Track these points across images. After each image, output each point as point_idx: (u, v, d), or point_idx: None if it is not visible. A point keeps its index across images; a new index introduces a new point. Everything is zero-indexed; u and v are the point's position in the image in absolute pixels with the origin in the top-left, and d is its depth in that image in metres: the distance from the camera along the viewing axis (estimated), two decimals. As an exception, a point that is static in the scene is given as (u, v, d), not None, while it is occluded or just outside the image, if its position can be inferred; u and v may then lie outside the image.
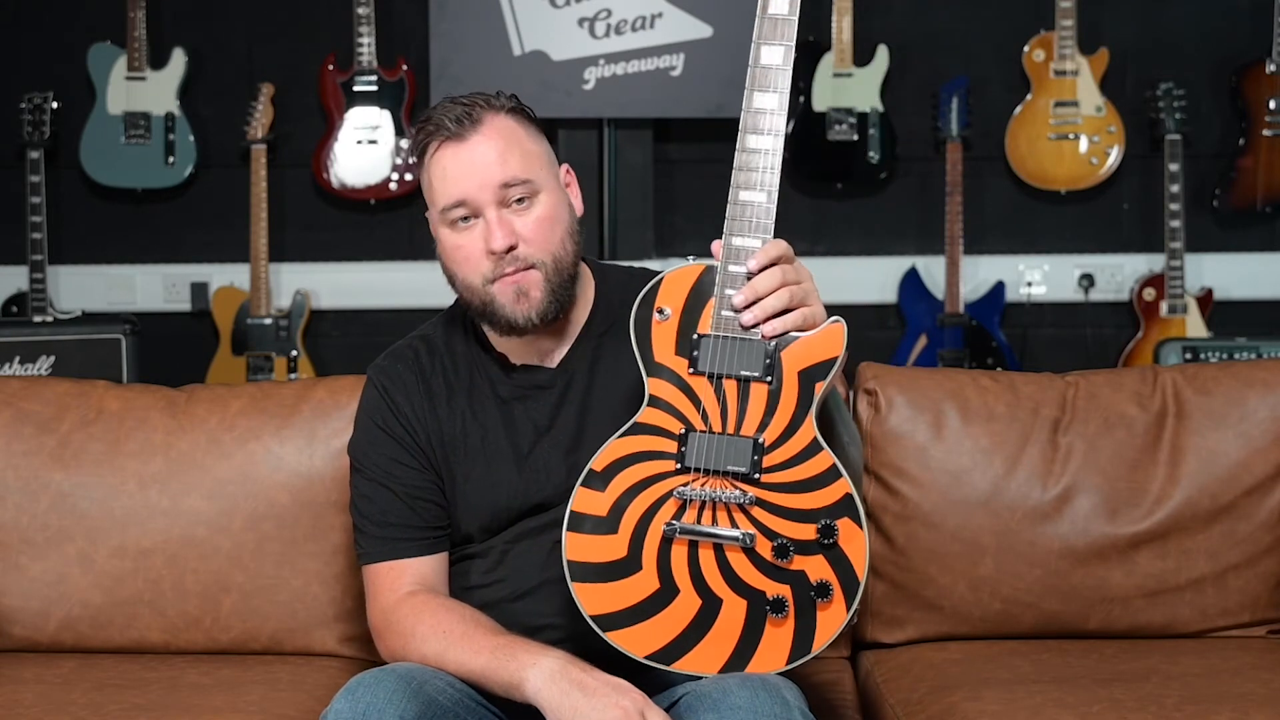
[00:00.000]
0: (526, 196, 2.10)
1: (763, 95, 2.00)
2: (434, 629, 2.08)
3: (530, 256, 2.10)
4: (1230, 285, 4.63)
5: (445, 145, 2.10)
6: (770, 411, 1.98)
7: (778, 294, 1.97)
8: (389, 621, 2.14)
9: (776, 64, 2.00)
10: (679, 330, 2.01)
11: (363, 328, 4.68)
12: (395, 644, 2.12)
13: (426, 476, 2.19)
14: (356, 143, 4.57)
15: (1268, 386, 2.54)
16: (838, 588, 1.95)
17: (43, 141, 4.52)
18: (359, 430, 2.25)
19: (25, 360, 4.09)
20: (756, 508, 1.97)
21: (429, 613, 2.10)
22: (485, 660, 2.01)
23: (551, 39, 4.42)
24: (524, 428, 2.18)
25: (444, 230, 2.13)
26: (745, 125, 2.00)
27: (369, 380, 2.25)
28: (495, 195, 2.09)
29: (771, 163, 1.99)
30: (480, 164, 2.09)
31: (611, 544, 1.99)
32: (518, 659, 1.99)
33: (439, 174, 2.11)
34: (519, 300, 2.10)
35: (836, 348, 1.98)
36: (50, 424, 2.55)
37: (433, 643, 2.07)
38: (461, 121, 2.09)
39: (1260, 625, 2.52)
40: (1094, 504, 2.49)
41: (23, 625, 2.50)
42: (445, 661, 2.05)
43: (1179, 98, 4.52)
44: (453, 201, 2.10)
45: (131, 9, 4.52)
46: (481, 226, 2.10)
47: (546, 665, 1.96)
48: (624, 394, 2.15)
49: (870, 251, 4.64)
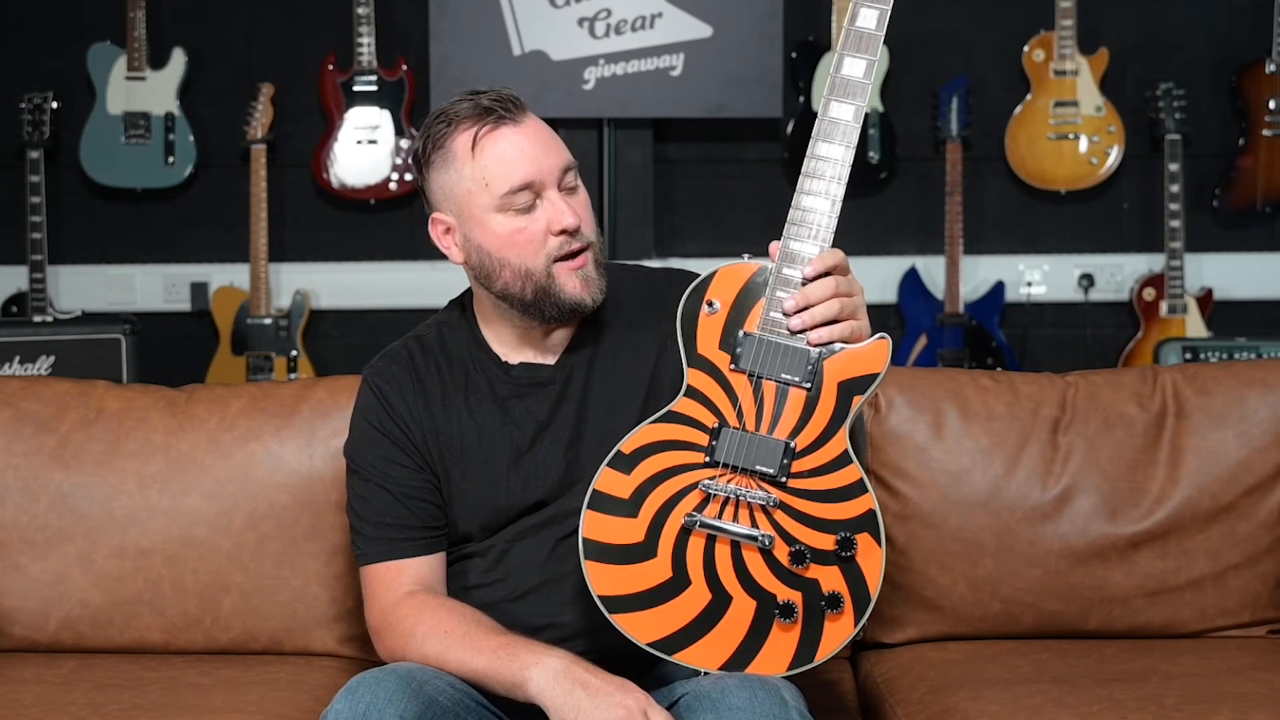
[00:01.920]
0: (575, 180, 2.13)
1: (840, 105, 2.00)
2: (434, 629, 2.07)
3: (587, 236, 2.12)
4: (1230, 285, 4.63)
5: (502, 128, 2.08)
6: (805, 418, 1.98)
7: (829, 303, 1.98)
8: (388, 622, 2.14)
9: (858, 77, 2.01)
10: (725, 325, 2.01)
11: (362, 328, 4.68)
12: (395, 644, 2.12)
13: (423, 476, 2.19)
14: (356, 143, 4.57)
15: (1268, 386, 2.54)
16: (849, 601, 1.95)
17: (43, 141, 4.52)
18: (354, 432, 2.24)
19: (25, 360, 4.09)
20: (779, 511, 1.97)
21: (429, 613, 2.10)
22: (487, 660, 2.01)
23: (551, 39, 4.42)
24: (523, 425, 2.18)
25: (499, 216, 2.10)
26: (819, 133, 2.00)
27: (364, 382, 2.24)
28: (559, 176, 2.09)
29: (839, 173, 2.00)
30: (543, 145, 2.09)
31: (630, 527, 1.99)
32: (520, 659, 1.98)
33: (497, 157, 2.08)
34: (586, 284, 2.12)
35: (880, 364, 1.99)
36: (50, 424, 2.55)
37: (433, 643, 2.06)
38: (507, 105, 2.09)
39: (1260, 625, 2.52)
40: (1094, 504, 2.49)
41: (23, 625, 2.50)
42: (446, 661, 2.04)
43: (1179, 98, 4.52)
44: (520, 183, 2.08)
45: (131, 9, 4.52)
46: (544, 208, 2.09)
47: (550, 665, 1.96)
48: (623, 389, 2.16)
49: (870, 251, 4.64)
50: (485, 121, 2.08)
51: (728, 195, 4.71)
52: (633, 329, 2.19)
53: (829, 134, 2.00)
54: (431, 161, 2.13)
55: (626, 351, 2.18)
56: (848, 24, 2.03)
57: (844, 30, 2.04)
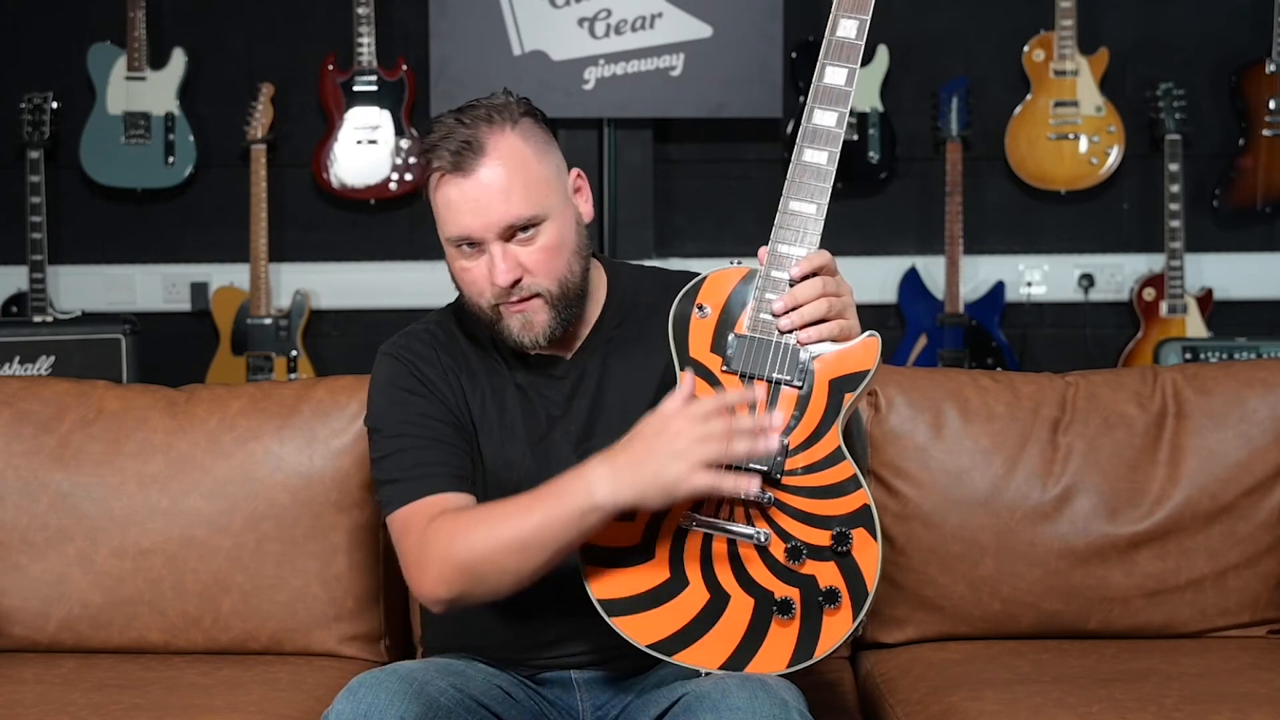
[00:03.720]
0: (532, 227, 2.09)
1: (823, 113, 2.04)
2: (473, 521, 2.01)
3: (534, 286, 2.10)
4: (1230, 285, 4.63)
5: (448, 179, 2.07)
6: (798, 416, 1.99)
7: (816, 303, 1.99)
8: (424, 547, 2.02)
9: (840, 85, 2.05)
10: (716, 328, 2.03)
11: (362, 328, 4.68)
12: (437, 564, 2.00)
13: (455, 425, 2.14)
14: (356, 143, 4.57)
15: (1268, 386, 2.54)
16: (846, 596, 1.96)
17: (43, 141, 4.52)
18: (378, 400, 2.18)
19: (25, 360, 4.09)
20: (774, 508, 1.98)
21: (464, 515, 2.03)
22: (541, 512, 1.95)
23: (551, 39, 4.42)
24: (539, 412, 2.18)
25: (452, 250, 2.12)
26: (804, 138, 2.04)
27: (384, 355, 2.20)
28: (500, 234, 2.08)
29: (825, 178, 2.03)
30: (484, 203, 2.07)
31: (626, 530, 1.99)
32: (570, 489, 1.94)
33: (443, 204, 2.09)
34: (525, 328, 2.11)
35: (869, 361, 2.00)
36: (50, 424, 2.55)
37: (479, 530, 1.99)
38: (462, 154, 2.06)
39: (1260, 625, 2.52)
40: (1094, 504, 2.49)
41: (23, 625, 2.50)
42: (500, 538, 1.97)
43: (1179, 98, 4.52)
44: (458, 236, 2.09)
45: (131, 9, 4.52)
46: (486, 258, 2.09)
47: (600, 472, 1.92)
48: (636, 389, 2.17)
49: (870, 251, 4.64)
50: (440, 168, 2.08)
51: (728, 195, 4.71)
52: (648, 330, 2.19)
53: (813, 141, 2.04)
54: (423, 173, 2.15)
55: (640, 352, 2.19)
56: (829, 34, 2.07)
57: (825, 40, 2.07)
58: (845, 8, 2.07)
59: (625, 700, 2.14)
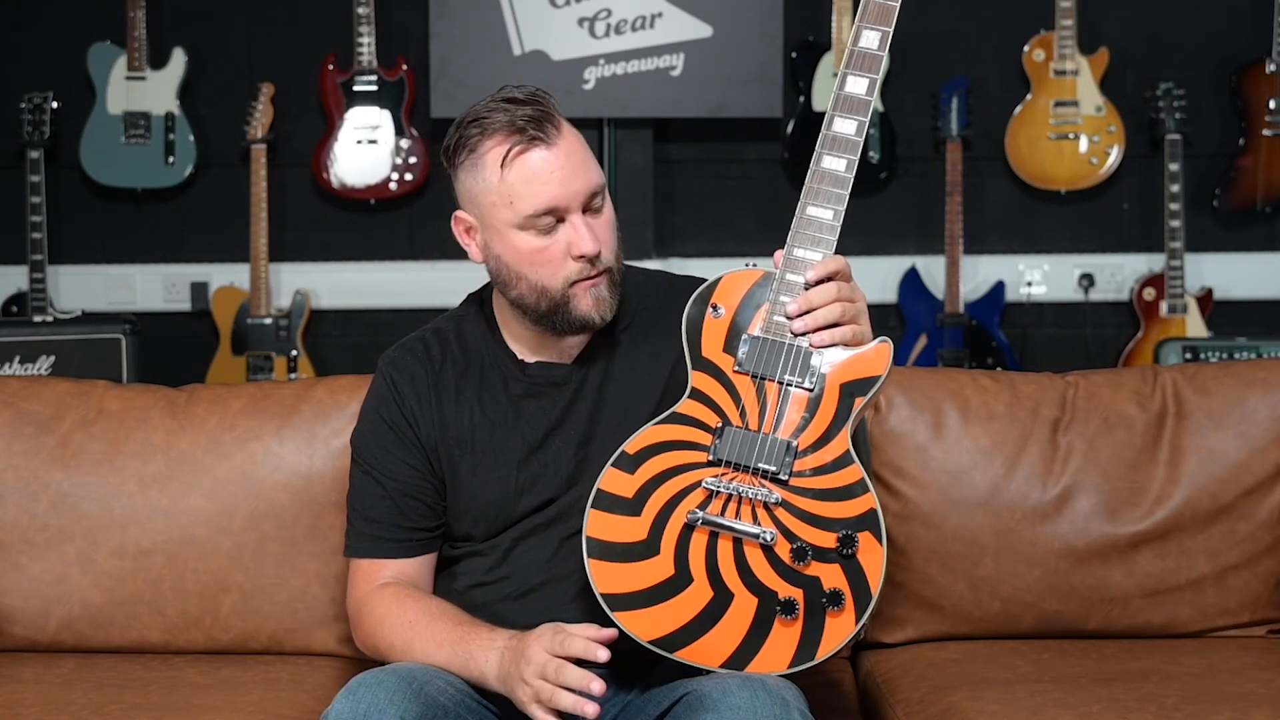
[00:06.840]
0: (599, 196, 2.13)
1: (843, 121, 2.07)
2: (399, 620, 2.13)
3: (606, 260, 2.13)
4: (1230, 285, 4.63)
5: (533, 148, 2.08)
6: (808, 418, 2.01)
7: (830, 307, 2.01)
8: (361, 612, 2.21)
9: (860, 94, 2.08)
10: (730, 329, 2.05)
11: (363, 328, 4.69)
12: (366, 633, 2.19)
13: (421, 475, 2.20)
14: (356, 143, 4.57)
15: (1268, 386, 2.54)
16: (850, 598, 1.96)
17: (43, 141, 4.52)
18: (363, 420, 2.27)
19: (25, 360, 4.09)
20: (781, 509, 1.99)
21: (396, 604, 2.16)
22: (447, 656, 2.07)
23: (551, 39, 4.42)
24: (535, 424, 2.19)
25: (521, 234, 2.11)
26: (823, 145, 2.06)
27: (379, 370, 2.26)
28: (584, 200, 2.10)
29: (843, 185, 2.05)
30: (572, 170, 2.09)
31: (633, 526, 2.01)
32: (476, 656, 2.04)
33: (524, 178, 2.08)
34: (598, 303, 2.13)
35: (881, 366, 2.02)
36: (50, 424, 2.55)
37: (399, 632, 2.13)
38: (543, 124, 2.08)
39: (1260, 625, 2.52)
40: (1094, 504, 2.49)
41: (23, 625, 2.50)
42: (412, 652, 2.11)
43: (1179, 98, 4.52)
44: (545, 207, 2.08)
45: (131, 9, 4.52)
46: (566, 230, 2.10)
47: (496, 658, 2.01)
48: (638, 391, 2.17)
49: (870, 251, 4.64)
50: (519, 141, 2.08)
51: (728, 195, 4.71)
52: (652, 333, 2.20)
53: (832, 148, 2.06)
54: (460, 163, 2.14)
55: (645, 355, 2.20)
56: (850, 44, 2.09)
57: (847, 50, 2.10)
58: (869, 19, 2.09)
59: (626, 698, 2.14)
